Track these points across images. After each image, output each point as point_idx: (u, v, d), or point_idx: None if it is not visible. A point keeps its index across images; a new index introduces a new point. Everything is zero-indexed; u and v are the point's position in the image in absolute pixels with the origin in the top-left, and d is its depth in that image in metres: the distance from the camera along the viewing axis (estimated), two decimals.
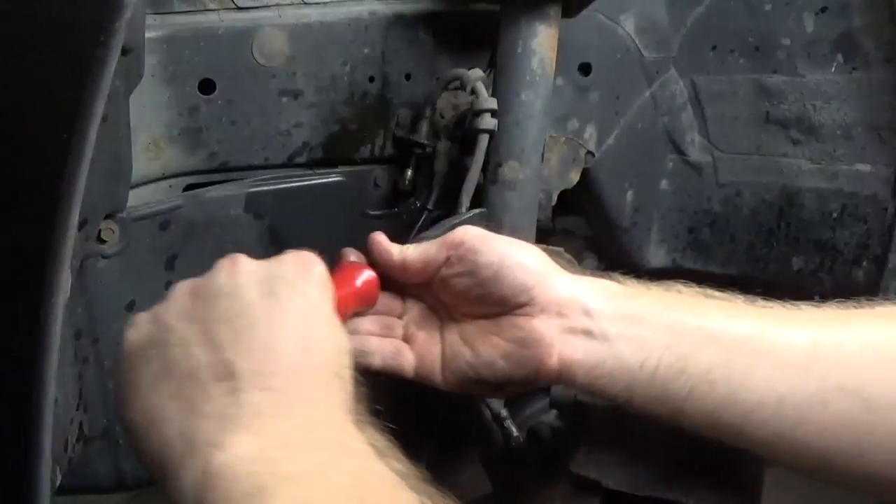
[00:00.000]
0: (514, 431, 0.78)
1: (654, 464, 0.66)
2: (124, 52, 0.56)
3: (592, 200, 1.05)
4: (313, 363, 0.48)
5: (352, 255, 0.66)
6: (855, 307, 0.58)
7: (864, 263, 0.94)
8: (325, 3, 0.83)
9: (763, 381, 0.54)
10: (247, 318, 0.48)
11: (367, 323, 0.63)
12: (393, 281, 0.64)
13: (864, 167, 0.94)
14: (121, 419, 0.48)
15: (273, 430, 0.43)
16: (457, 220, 0.72)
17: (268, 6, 0.80)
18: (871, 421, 0.52)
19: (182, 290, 0.52)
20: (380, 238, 0.64)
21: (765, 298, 0.60)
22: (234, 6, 0.79)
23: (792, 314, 0.58)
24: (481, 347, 0.61)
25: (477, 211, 0.77)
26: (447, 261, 0.61)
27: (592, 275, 0.63)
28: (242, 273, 0.52)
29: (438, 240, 0.62)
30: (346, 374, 0.50)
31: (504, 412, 0.79)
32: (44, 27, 0.48)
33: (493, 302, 0.60)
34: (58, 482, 0.65)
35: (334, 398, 0.48)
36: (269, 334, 0.48)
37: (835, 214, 0.96)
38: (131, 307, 0.78)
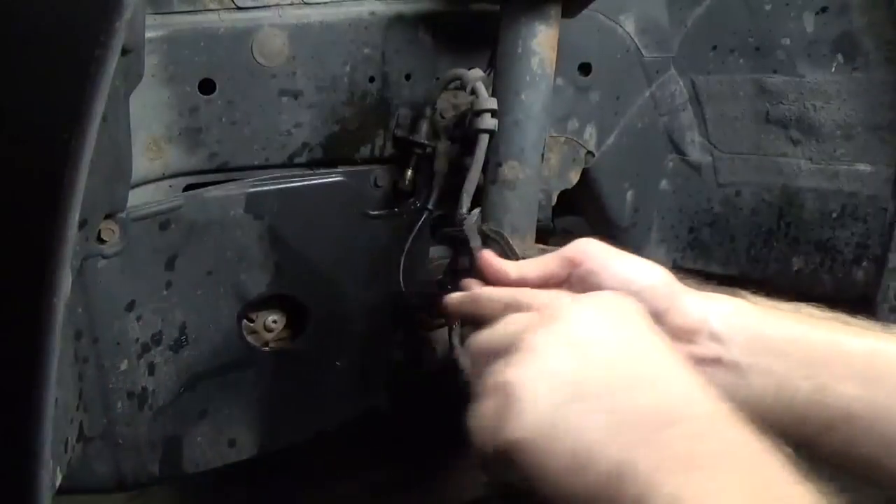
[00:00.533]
0: None
1: None
2: (124, 52, 0.56)
3: (592, 200, 1.05)
4: (699, 397, 0.46)
5: (474, 286, 0.63)
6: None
7: (864, 263, 0.94)
8: (325, 3, 0.83)
9: None
10: (644, 357, 0.47)
11: None
12: None
13: (864, 167, 0.94)
14: (529, 464, 0.44)
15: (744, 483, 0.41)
16: (469, 223, 0.71)
17: (268, 6, 0.80)
18: None
19: (545, 336, 0.48)
20: (490, 258, 0.62)
21: None
22: (234, 6, 0.79)
23: None
24: None
25: (475, 210, 0.77)
26: (568, 279, 0.58)
27: (718, 292, 0.60)
28: (596, 312, 0.50)
29: (558, 254, 0.59)
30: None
31: None
32: (44, 27, 0.48)
33: None
34: (58, 482, 0.65)
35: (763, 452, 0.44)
36: (678, 378, 0.46)
37: (835, 214, 0.96)
38: (131, 307, 0.78)
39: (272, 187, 0.85)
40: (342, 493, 1.36)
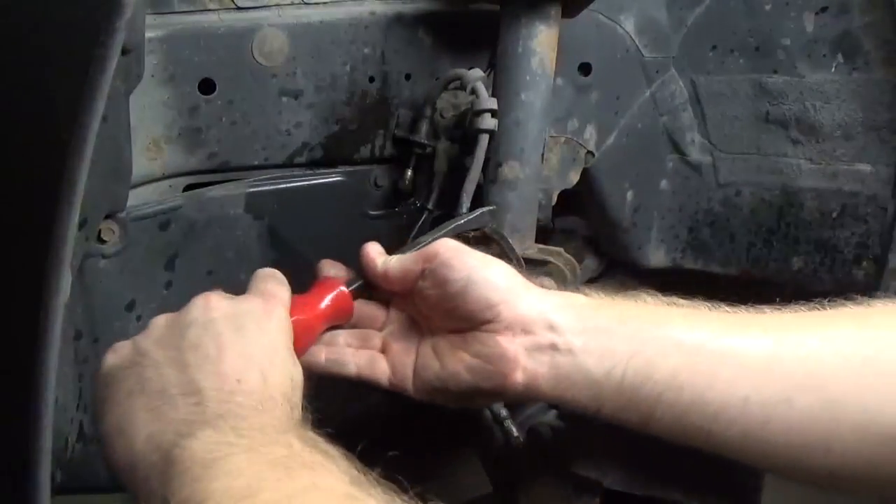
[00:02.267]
0: (515, 431, 0.79)
1: (654, 464, 0.66)
2: (124, 52, 0.56)
3: (592, 200, 1.05)
4: (270, 389, 0.53)
5: (330, 269, 0.68)
6: (817, 308, 0.59)
7: (864, 263, 0.94)
8: (325, 3, 0.83)
9: (728, 383, 0.55)
10: (215, 346, 0.53)
11: (345, 336, 0.67)
12: (381, 290, 0.67)
13: (864, 167, 0.94)
14: (97, 432, 0.54)
15: (232, 427, 0.48)
16: (463, 220, 0.72)
17: (268, 6, 0.80)
18: (835, 417, 0.53)
19: (159, 321, 0.58)
20: (369, 248, 0.66)
21: (730, 305, 0.60)
22: (234, 6, 0.79)
23: (754, 318, 0.59)
24: (449, 361, 0.62)
25: (486, 209, 0.77)
26: (423, 273, 0.62)
27: (559, 289, 0.65)
28: (214, 308, 0.57)
29: (417, 252, 0.64)
30: (297, 403, 0.55)
31: (504, 412, 0.79)
32: (44, 27, 0.48)
33: (461, 317, 0.61)
34: (58, 482, 0.65)
35: (286, 418, 0.52)
36: (234, 362, 0.53)
37: (835, 214, 0.96)
38: (131, 307, 0.79)
39: (272, 187, 0.85)
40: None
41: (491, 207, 0.78)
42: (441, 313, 0.63)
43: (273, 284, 0.62)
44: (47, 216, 0.44)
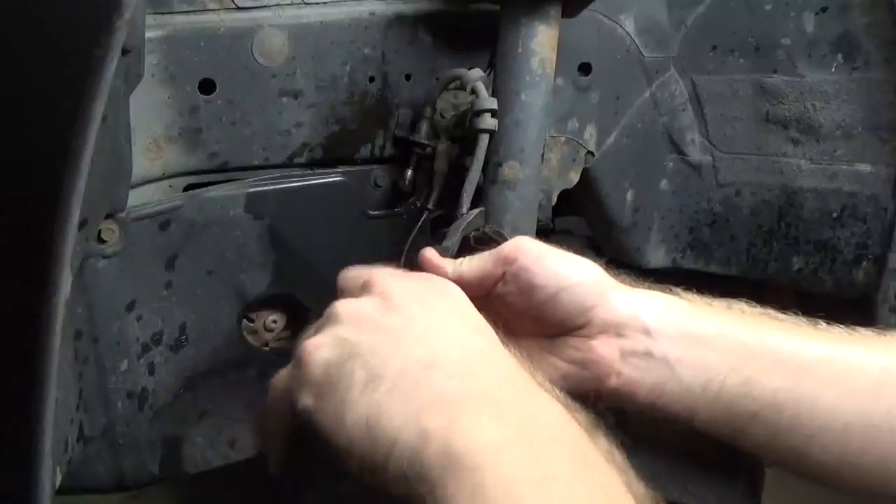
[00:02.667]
0: None
1: (654, 464, 0.66)
2: (124, 52, 0.56)
3: (592, 200, 1.05)
4: (498, 358, 0.49)
5: None
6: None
7: (864, 263, 0.94)
8: (325, 3, 0.83)
9: (830, 407, 0.53)
10: (429, 320, 0.50)
11: None
12: None
13: (864, 167, 0.94)
14: (332, 442, 0.46)
15: (509, 418, 0.43)
16: (460, 225, 0.72)
17: (268, 6, 0.80)
18: None
19: (347, 307, 0.52)
20: (430, 255, 0.63)
21: (827, 322, 0.59)
22: (234, 6, 0.79)
23: (859, 338, 0.57)
24: (540, 366, 0.59)
25: (476, 210, 0.77)
26: (503, 276, 0.60)
27: (652, 288, 0.61)
28: (407, 286, 0.53)
29: (494, 252, 0.61)
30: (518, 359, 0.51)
31: None
32: (44, 27, 0.47)
33: (551, 323, 0.59)
34: (58, 482, 0.65)
35: (543, 394, 0.47)
36: (457, 333, 0.49)
37: (835, 214, 0.96)
38: (131, 307, 0.79)
39: (272, 187, 0.85)
40: (341, 493, 1.36)
41: (480, 209, 0.77)
42: (529, 319, 0.60)
43: (446, 283, 0.58)
44: (47, 216, 0.44)
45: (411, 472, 0.41)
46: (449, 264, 0.62)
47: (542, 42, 0.77)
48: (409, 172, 0.88)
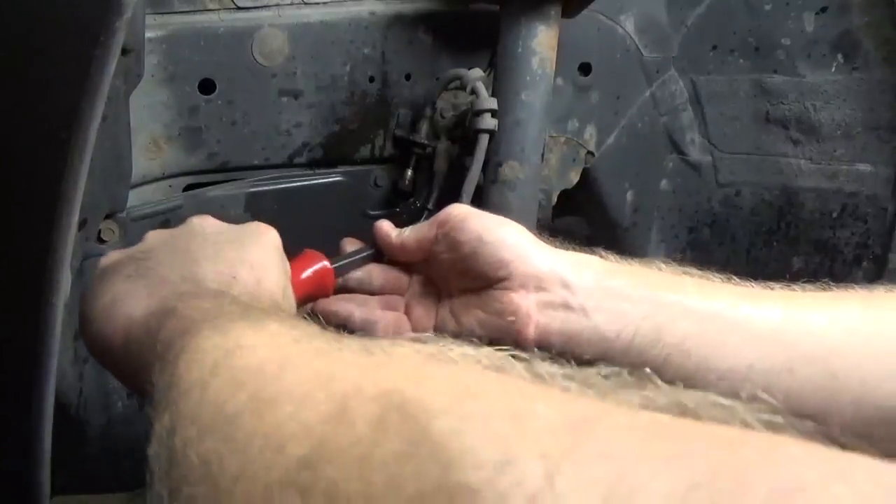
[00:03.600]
0: None
1: None
2: (124, 52, 0.56)
3: (592, 200, 1.05)
4: (262, 291, 0.53)
5: (348, 245, 0.71)
6: (824, 289, 0.61)
7: (864, 263, 0.94)
8: (325, 3, 0.83)
9: (734, 350, 0.56)
10: (213, 249, 0.55)
11: (374, 300, 0.69)
12: (399, 261, 0.70)
13: (864, 167, 0.94)
14: (85, 315, 0.52)
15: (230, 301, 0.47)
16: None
17: (268, 6, 0.80)
18: (835, 388, 0.54)
19: (153, 234, 0.58)
20: (381, 223, 0.69)
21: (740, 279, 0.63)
22: (234, 6, 0.79)
23: (764, 292, 0.61)
24: (464, 319, 0.64)
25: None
26: (436, 238, 0.65)
27: (575, 250, 0.65)
28: (211, 224, 0.59)
29: (430, 220, 0.66)
30: (289, 310, 0.55)
31: None
32: (44, 27, 0.47)
33: (475, 277, 0.63)
34: (58, 482, 0.65)
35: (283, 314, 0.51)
36: (230, 261, 0.54)
37: (835, 214, 0.96)
38: None
39: (272, 187, 0.85)
40: None
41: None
42: (456, 275, 0.65)
43: (266, 226, 0.63)
44: (47, 216, 0.44)
45: (138, 344, 0.46)
46: (394, 231, 0.68)
47: (542, 42, 0.77)
48: (409, 172, 0.88)
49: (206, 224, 0.59)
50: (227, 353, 0.38)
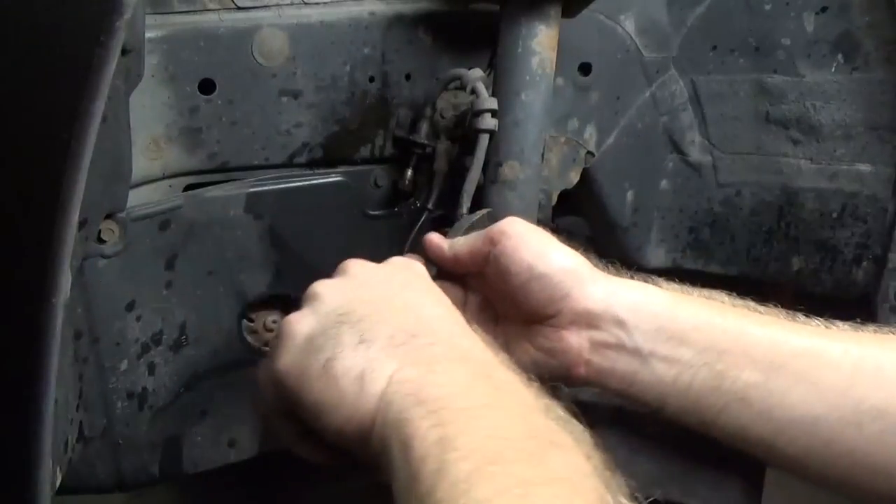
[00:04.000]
0: None
1: (654, 463, 0.66)
2: (124, 52, 0.56)
3: (592, 200, 1.05)
4: (463, 344, 0.51)
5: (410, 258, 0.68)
6: (892, 331, 0.58)
7: (864, 263, 0.94)
8: (325, 3, 0.83)
9: (800, 401, 0.54)
10: (406, 297, 0.53)
11: None
12: (453, 274, 0.66)
13: (864, 167, 0.94)
14: (310, 399, 0.49)
15: (472, 364, 0.47)
16: (465, 223, 0.72)
17: (268, 6, 0.80)
18: None
19: (326, 287, 0.56)
20: (431, 236, 0.66)
21: (806, 315, 0.59)
22: (234, 6, 0.79)
23: (834, 333, 0.58)
24: (515, 349, 0.61)
25: (484, 211, 0.77)
26: (488, 256, 0.61)
27: (632, 277, 0.62)
28: (378, 269, 0.57)
29: (484, 232, 0.63)
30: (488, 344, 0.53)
31: None
32: (44, 27, 0.47)
33: (525, 310, 0.60)
34: (58, 482, 0.65)
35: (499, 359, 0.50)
36: (432, 310, 0.52)
37: (835, 214, 0.96)
38: (131, 307, 0.78)
39: (272, 187, 0.85)
40: (341, 493, 1.36)
41: (489, 210, 0.78)
42: (508, 303, 0.62)
43: (408, 261, 0.62)
44: (47, 216, 0.44)
45: (386, 417, 0.44)
46: (446, 242, 0.65)
47: (542, 42, 0.77)
48: (409, 172, 0.88)
49: (369, 268, 0.57)
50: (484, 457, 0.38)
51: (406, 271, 0.58)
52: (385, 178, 0.90)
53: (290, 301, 0.90)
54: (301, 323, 0.52)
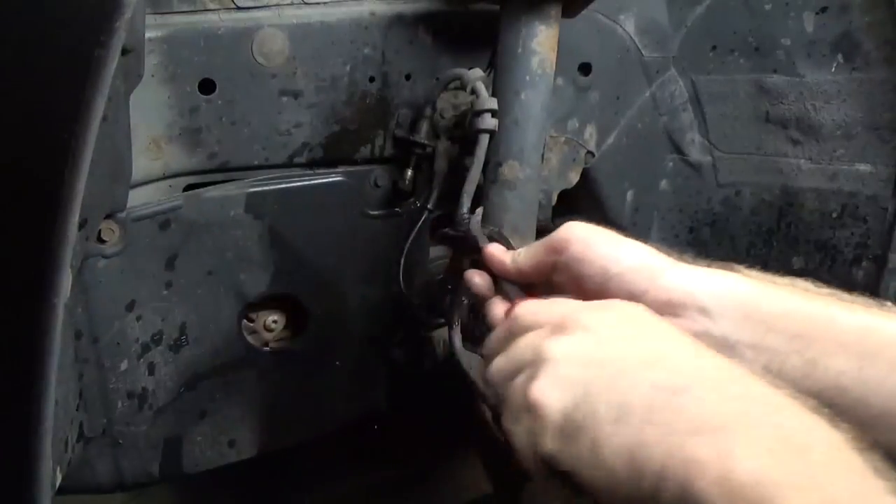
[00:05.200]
0: None
1: None
2: (124, 52, 0.56)
3: (592, 200, 1.05)
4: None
5: (476, 277, 0.67)
6: None
7: (864, 263, 0.94)
8: (325, 3, 0.83)
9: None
10: (648, 346, 0.49)
11: None
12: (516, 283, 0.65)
13: (864, 167, 0.94)
14: (589, 482, 0.46)
15: (777, 441, 0.41)
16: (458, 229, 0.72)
17: (268, 6, 0.80)
18: None
19: (559, 347, 0.51)
20: (490, 249, 0.65)
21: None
22: (234, 6, 0.79)
23: None
24: None
25: (479, 210, 0.77)
26: (554, 266, 0.60)
27: (709, 265, 0.59)
28: (598, 316, 0.52)
29: (545, 241, 0.61)
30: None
31: None
32: (44, 27, 0.48)
33: None
34: (58, 482, 0.65)
35: (792, 404, 0.45)
36: (682, 354, 0.48)
37: (835, 214, 0.96)
38: (131, 307, 0.79)
39: (272, 187, 0.85)
40: (341, 494, 1.36)
41: (478, 210, 0.78)
42: None
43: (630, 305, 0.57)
44: (47, 216, 0.44)
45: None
46: (507, 256, 0.64)
47: (542, 42, 0.77)
48: (409, 172, 0.88)
49: (600, 325, 0.51)
50: None
51: (635, 314, 0.53)
52: (385, 178, 0.90)
53: (291, 301, 0.90)
54: (549, 397, 0.48)
